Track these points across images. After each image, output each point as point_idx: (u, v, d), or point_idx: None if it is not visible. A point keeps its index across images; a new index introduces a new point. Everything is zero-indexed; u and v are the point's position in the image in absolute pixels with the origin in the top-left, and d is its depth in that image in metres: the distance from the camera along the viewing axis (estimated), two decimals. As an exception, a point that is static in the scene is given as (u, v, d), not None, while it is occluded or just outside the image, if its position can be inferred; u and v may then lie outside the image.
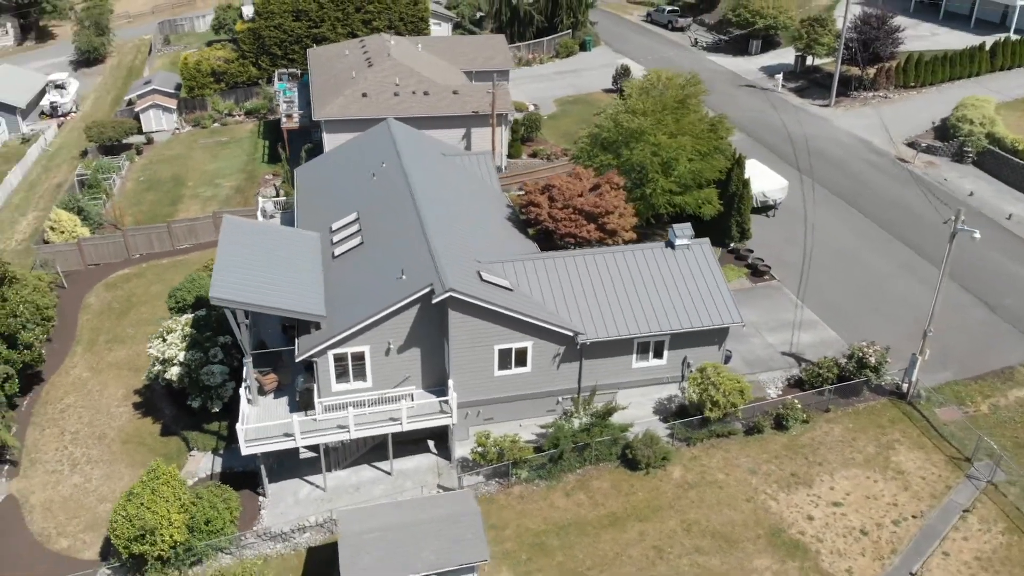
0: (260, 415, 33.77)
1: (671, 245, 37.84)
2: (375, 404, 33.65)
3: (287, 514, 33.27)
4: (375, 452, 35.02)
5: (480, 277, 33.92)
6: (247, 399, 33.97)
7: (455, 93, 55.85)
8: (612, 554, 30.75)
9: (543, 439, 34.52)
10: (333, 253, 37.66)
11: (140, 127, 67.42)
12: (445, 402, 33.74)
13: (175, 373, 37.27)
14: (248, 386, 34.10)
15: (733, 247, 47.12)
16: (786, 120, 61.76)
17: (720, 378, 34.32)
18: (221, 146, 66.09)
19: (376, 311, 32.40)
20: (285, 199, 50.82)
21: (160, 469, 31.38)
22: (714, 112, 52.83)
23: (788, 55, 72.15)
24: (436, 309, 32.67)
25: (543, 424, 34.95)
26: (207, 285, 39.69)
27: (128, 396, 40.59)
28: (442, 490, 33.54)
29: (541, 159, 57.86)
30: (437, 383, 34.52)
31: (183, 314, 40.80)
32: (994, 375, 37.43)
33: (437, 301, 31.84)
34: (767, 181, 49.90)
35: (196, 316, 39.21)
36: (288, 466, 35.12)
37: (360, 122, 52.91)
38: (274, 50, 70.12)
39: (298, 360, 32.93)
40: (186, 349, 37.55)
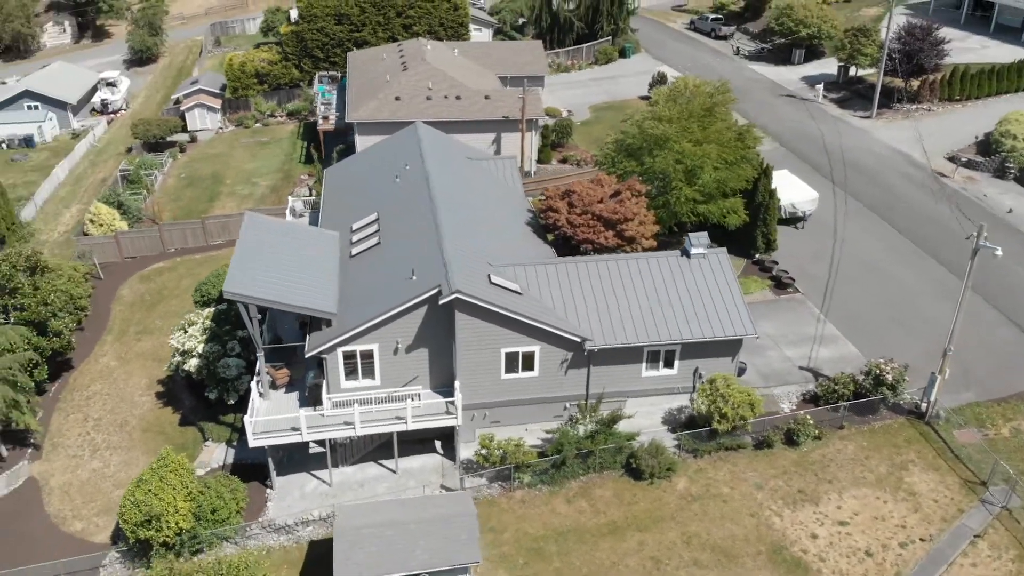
0: (271, 409, 34.39)
1: (686, 254, 37.47)
2: (381, 402, 34.00)
3: (292, 507, 33.80)
4: (382, 450, 35.35)
5: (489, 280, 34.07)
6: (259, 392, 34.64)
7: (487, 98, 56.15)
8: (609, 563, 30.54)
9: (548, 444, 34.47)
10: (351, 252, 38.20)
11: (185, 125, 69.21)
12: (451, 403, 33.94)
13: (194, 365, 38.24)
14: (260, 380, 34.78)
15: (758, 258, 46.44)
16: (824, 131, 60.63)
17: (729, 390, 33.85)
18: (261, 146, 67.46)
19: (384, 310, 32.78)
20: (314, 199, 51.66)
21: (169, 457, 32.21)
22: (747, 121, 52.32)
23: (831, 65, 70.86)
24: (444, 310, 32.89)
25: (549, 429, 34.93)
26: (230, 281, 40.52)
27: (151, 386, 41.69)
28: (445, 490, 33.72)
29: (571, 165, 57.77)
30: (445, 384, 34.73)
31: (207, 308, 41.78)
32: (1018, 398, 36.18)
33: (444, 302, 32.08)
34: (797, 192, 49.07)
35: (217, 310, 40.19)
36: (297, 460, 35.70)
37: (392, 125, 53.46)
38: (316, 53, 71.38)
39: (308, 356, 33.49)
40: (205, 342, 38.50)
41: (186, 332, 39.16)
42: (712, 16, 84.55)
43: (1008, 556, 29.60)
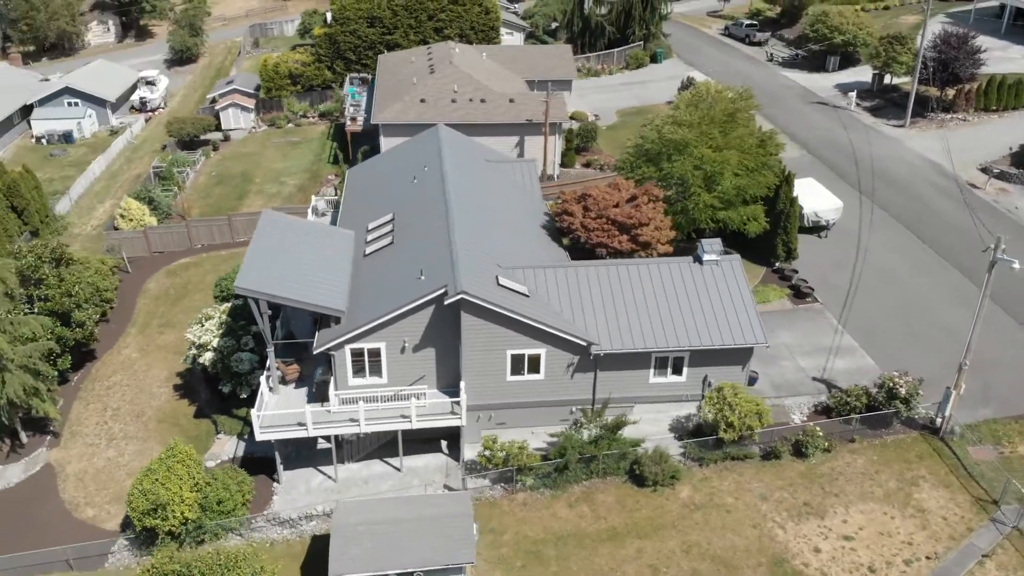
0: (279, 403, 34.85)
1: (699, 260, 37.14)
2: (387, 400, 34.24)
3: (297, 501, 34.20)
4: (388, 448, 35.59)
5: (497, 282, 34.14)
6: (268, 387, 35.13)
7: (511, 101, 56.31)
8: (607, 569, 30.35)
9: (553, 448, 34.36)
10: (365, 251, 38.58)
11: (219, 124, 70.50)
12: (456, 403, 34.06)
13: (208, 358, 38.91)
14: (269, 374, 35.27)
15: (778, 267, 45.83)
16: (854, 139, 59.64)
17: (737, 399, 33.44)
18: (292, 146, 68.43)
19: (391, 309, 33.03)
20: (336, 198, 52.23)
21: (178, 448, 32.81)
22: (774, 127, 51.66)
23: (866, 73, 69.71)
24: (451, 310, 33.03)
25: (554, 433, 34.85)
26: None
27: (170, 378, 42.51)
28: (447, 490, 33.84)
29: (595, 169, 57.65)
30: (451, 384, 34.85)
31: (226, 303, 42.48)
32: (1038, 416, 35.24)
33: (449, 302, 32.23)
34: (821, 201, 48.36)
35: (234, 305, 40.83)
36: (305, 455, 36.09)
37: (416, 127, 53.85)
38: (349, 55, 72.25)
39: (316, 352, 33.88)
40: (220, 336, 39.13)
41: (203, 326, 39.86)
42: (747, 22, 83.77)
43: (1016, 577, 28.85)
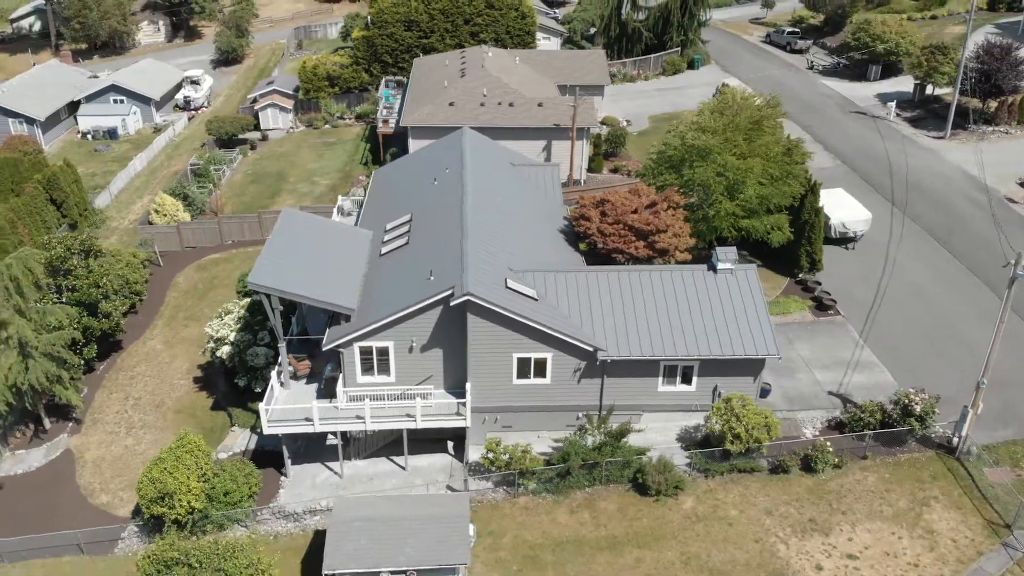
0: (289, 398, 35.35)
1: (713, 268, 36.69)
2: (393, 399, 34.49)
3: (303, 496, 34.64)
4: (396, 446, 35.84)
5: (506, 285, 34.17)
6: (279, 382, 35.67)
7: (540, 105, 56.34)
8: (603, 576, 30.16)
9: (557, 453, 34.25)
10: (380, 251, 38.96)
11: (258, 124, 71.85)
12: (462, 404, 34.16)
13: (225, 352, 39.66)
14: (280, 370, 35.81)
15: (801, 278, 45.02)
16: (891, 150, 58.31)
17: (745, 411, 32.91)
18: (327, 147, 69.40)
19: (399, 309, 33.30)
20: (362, 198, 52.83)
21: (187, 438, 33.53)
22: (809, 135, 50.71)
23: (908, 83, 68.10)
24: (458, 312, 33.16)
25: (560, 438, 34.69)
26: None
27: (191, 370, 43.45)
28: (450, 491, 33.94)
29: (622, 175, 57.35)
30: (458, 385, 34.96)
31: (247, 298, 43.25)
32: (1061, 438, 34.00)
33: (455, 303, 32.36)
34: (849, 211, 47.39)
35: (253, 300, 41.49)
36: (314, 451, 36.57)
37: (444, 130, 53.89)
38: (386, 58, 73.00)
39: (325, 349, 34.30)
40: (238, 331, 39.86)
41: (222, 320, 40.66)
42: (789, 29, 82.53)
43: (1025, 605, 27.88)
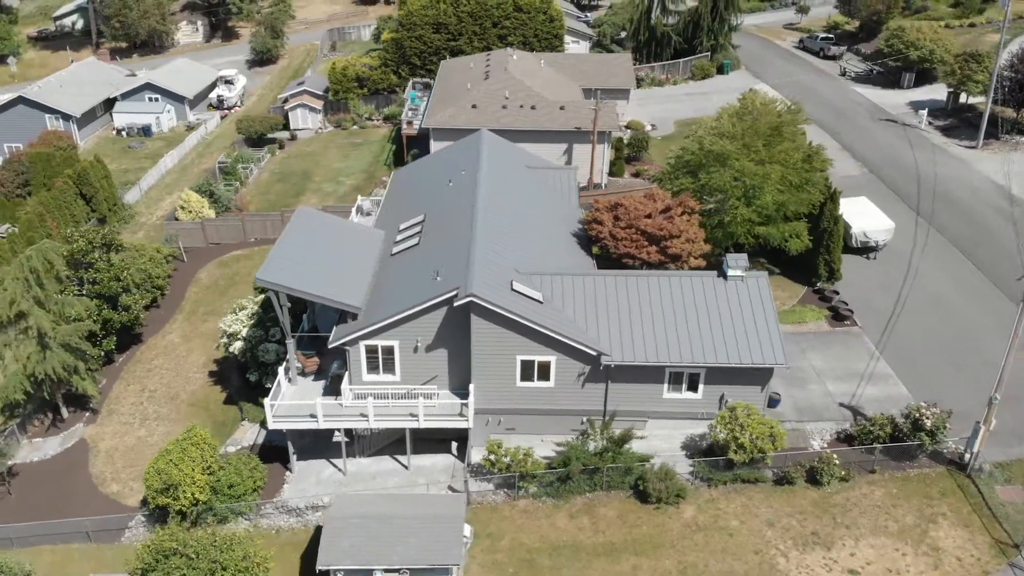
0: (295, 394, 35.74)
1: (723, 275, 36.29)
2: (397, 398, 34.66)
3: (306, 491, 34.98)
4: (399, 445, 35.99)
5: (511, 287, 34.15)
6: (287, 378, 36.08)
7: (561, 109, 56.24)
8: (598, 582, 29.96)
9: (559, 457, 34.13)
10: (392, 251, 39.21)
11: (287, 124, 72.77)
12: (465, 405, 34.22)
13: (238, 347, 40.22)
14: (288, 366, 36.21)
15: (819, 287, 44.32)
16: (920, 159, 57.15)
17: (749, 420, 32.48)
18: (354, 147, 70.04)
19: (404, 308, 33.48)
20: (380, 198, 53.24)
21: (194, 431, 34.06)
22: (837, 143, 49.83)
23: (941, 91, 66.69)
24: (462, 313, 33.24)
25: (562, 442, 34.57)
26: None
27: (207, 364, 44.12)
28: (451, 491, 34.00)
29: (643, 179, 56.97)
30: (462, 386, 35.04)
31: (262, 294, 43.80)
32: (1079, 457, 32.98)
33: (459, 304, 32.44)
34: (871, 220, 46.54)
35: (267, 297, 42.00)
36: (320, 447, 36.88)
37: (465, 132, 53.91)
38: (414, 60, 73.45)
39: (331, 347, 34.61)
40: (251, 326, 40.39)
41: (236, 315, 41.23)
42: (822, 35, 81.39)
43: (1028, 628, 27.09)
